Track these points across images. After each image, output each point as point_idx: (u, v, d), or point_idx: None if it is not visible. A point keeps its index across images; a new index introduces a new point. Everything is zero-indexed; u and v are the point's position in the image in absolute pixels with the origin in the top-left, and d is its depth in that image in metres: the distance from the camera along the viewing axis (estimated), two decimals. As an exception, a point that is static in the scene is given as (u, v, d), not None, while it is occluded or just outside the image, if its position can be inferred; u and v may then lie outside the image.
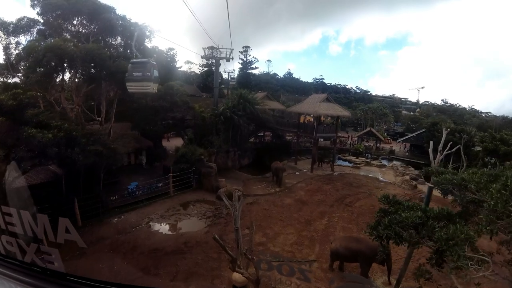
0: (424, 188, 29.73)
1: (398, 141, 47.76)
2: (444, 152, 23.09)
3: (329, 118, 42.93)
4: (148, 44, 27.33)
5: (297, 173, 29.49)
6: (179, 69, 73.78)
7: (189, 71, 78.53)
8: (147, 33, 26.21)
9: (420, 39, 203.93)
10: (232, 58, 30.93)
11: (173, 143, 35.81)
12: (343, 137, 48.93)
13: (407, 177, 30.17)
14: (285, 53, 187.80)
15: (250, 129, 36.49)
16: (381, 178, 30.72)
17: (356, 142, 46.71)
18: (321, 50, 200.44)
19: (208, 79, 65.04)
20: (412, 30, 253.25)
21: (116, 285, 1.91)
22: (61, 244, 2.57)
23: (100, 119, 23.04)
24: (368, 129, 46.01)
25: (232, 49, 30.77)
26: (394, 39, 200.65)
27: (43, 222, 2.60)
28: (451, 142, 23.72)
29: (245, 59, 77.92)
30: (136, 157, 30.37)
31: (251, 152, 31.77)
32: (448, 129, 23.57)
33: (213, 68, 70.67)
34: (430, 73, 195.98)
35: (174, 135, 40.52)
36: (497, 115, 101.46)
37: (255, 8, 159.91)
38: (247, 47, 77.74)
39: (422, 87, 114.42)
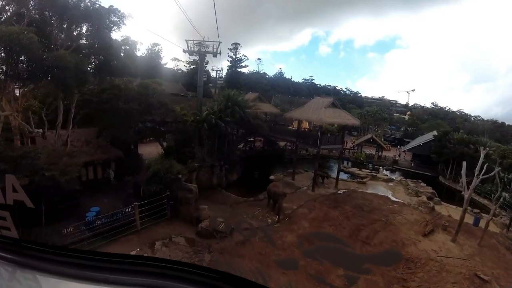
0: (442, 210, 25.04)
1: (402, 149, 43.11)
2: (481, 176, 18.14)
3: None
4: (117, 34, 21.70)
5: (296, 192, 24.13)
6: (165, 66, 67.83)
7: (175, 68, 72.61)
8: (115, 19, 20.52)
9: (408, 43, 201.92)
10: (220, 53, 25.35)
11: (149, 150, 30.14)
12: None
13: (424, 198, 25.41)
14: (274, 53, 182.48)
15: (239, 135, 31.02)
16: (393, 198, 25.79)
17: (356, 150, 41.66)
18: (310, 51, 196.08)
19: (195, 78, 59.06)
20: (400, 33, 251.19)
21: (70, 249, 1.67)
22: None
23: (39, 130, 17.18)
24: (369, 135, 41.01)
25: (220, 42, 25.16)
26: (382, 41, 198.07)
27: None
28: (487, 163, 18.85)
29: (234, 57, 72.26)
30: (104, 169, 24.46)
31: (240, 165, 26.20)
32: (487, 149, 18.66)
33: (204, 66, 65.31)
34: (418, 76, 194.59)
35: (153, 140, 34.72)
36: (485, 119, 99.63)
37: (244, 7, 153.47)
38: (236, 44, 72.11)
39: (413, 90, 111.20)
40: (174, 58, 70.41)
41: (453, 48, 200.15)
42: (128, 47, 23.88)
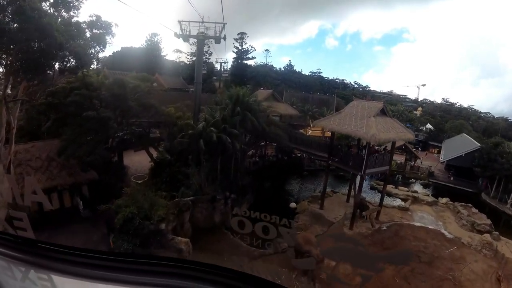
0: (503, 249, 18.08)
1: (441, 161, 35.63)
2: None
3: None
4: (84, 16, 14.93)
5: (329, 230, 17.13)
6: (165, 58, 60.33)
7: (177, 60, 65.06)
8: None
9: (415, 36, 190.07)
10: (224, 38, 17.89)
11: (138, 160, 23.58)
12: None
13: (488, 237, 18.48)
14: (280, 46, 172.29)
15: (248, 142, 23.77)
16: (447, 233, 18.87)
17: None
18: (316, 43, 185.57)
19: (197, 70, 51.62)
20: (407, 26, 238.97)
21: (86, 250, 1.57)
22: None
23: None
24: (402, 142, 33.61)
25: (225, 24, 17.72)
26: (390, 35, 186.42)
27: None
28: None
29: (240, 48, 64.13)
30: (72, 196, 17.76)
31: (252, 190, 18.95)
32: None
33: (207, 57, 57.12)
34: (425, 70, 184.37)
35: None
36: (495, 116, 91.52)
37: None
38: (243, 33, 63.98)
39: (423, 85, 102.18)
40: (176, 49, 63.03)
41: (461, 42, 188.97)
42: (101, 31, 16.66)
